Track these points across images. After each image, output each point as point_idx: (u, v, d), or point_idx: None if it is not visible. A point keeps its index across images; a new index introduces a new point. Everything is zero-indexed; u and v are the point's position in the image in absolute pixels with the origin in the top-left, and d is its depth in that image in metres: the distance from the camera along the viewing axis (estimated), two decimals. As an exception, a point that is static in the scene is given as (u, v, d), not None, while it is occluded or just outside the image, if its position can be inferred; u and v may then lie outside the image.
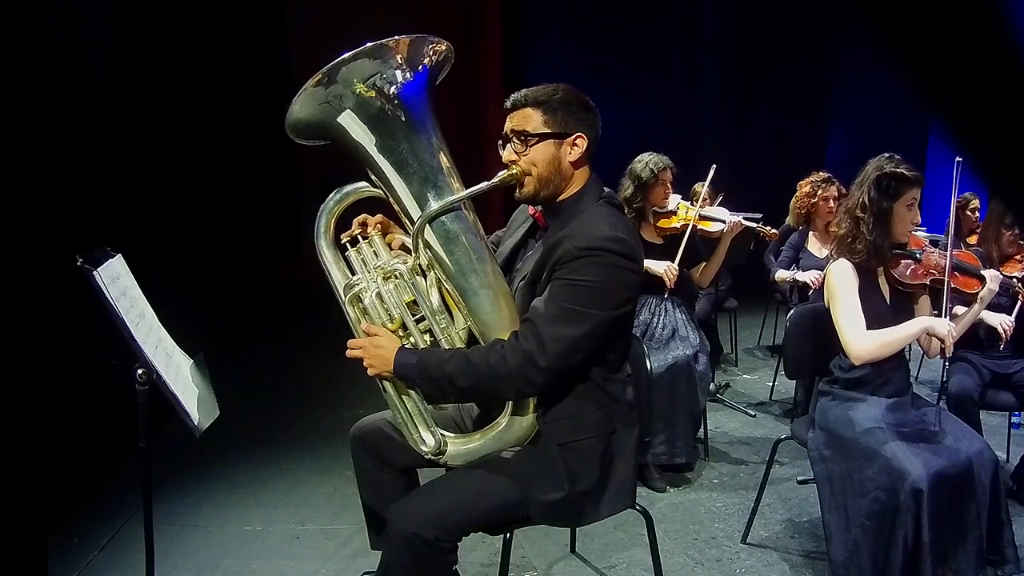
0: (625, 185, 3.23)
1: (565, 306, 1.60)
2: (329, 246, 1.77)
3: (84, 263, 1.61)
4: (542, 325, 1.60)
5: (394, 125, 1.67)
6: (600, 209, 1.70)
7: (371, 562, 2.19)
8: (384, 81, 1.64)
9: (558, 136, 1.69)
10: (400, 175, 1.68)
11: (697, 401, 3.16)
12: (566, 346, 1.59)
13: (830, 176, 3.85)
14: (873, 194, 2.21)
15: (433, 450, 1.74)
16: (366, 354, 1.68)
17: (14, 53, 2.11)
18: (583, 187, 1.74)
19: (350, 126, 1.67)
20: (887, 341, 2.20)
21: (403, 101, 1.66)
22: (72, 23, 3.02)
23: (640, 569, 2.49)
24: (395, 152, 1.67)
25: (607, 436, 1.74)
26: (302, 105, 1.63)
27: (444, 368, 1.63)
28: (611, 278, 1.61)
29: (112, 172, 3.33)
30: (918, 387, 2.36)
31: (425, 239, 1.67)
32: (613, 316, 1.63)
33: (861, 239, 2.22)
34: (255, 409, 3.98)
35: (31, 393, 2.05)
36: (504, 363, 1.60)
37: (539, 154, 1.69)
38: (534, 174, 1.70)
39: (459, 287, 1.68)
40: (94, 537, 2.67)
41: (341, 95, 1.63)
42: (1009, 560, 2.15)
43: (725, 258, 3.41)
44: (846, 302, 2.23)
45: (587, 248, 1.60)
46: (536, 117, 1.69)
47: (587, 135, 1.71)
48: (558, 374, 1.63)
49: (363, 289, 1.72)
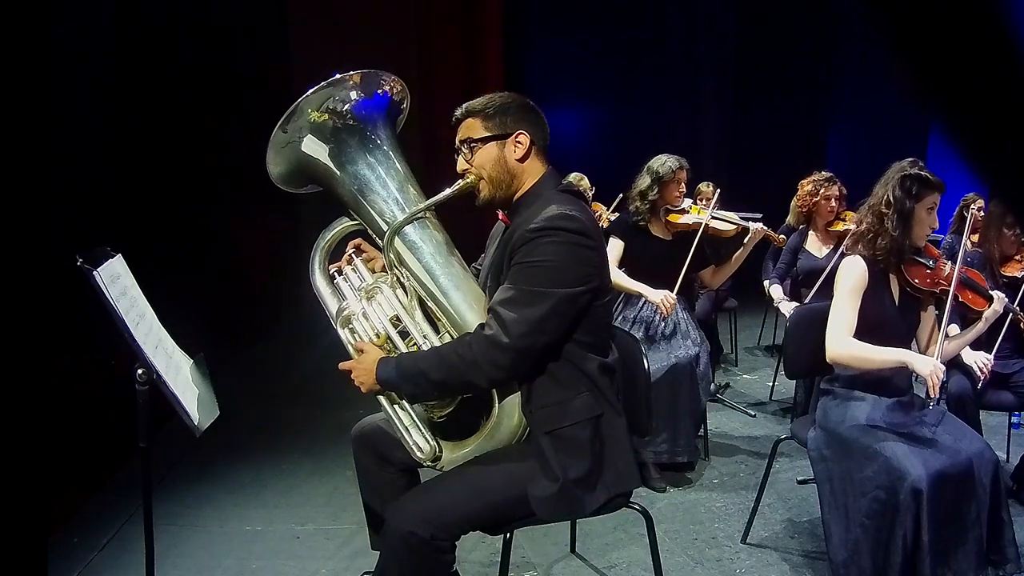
0: (642, 179, 3.25)
1: (523, 288, 1.63)
2: (323, 281, 1.92)
3: (84, 263, 1.61)
4: (502, 309, 1.63)
5: (348, 139, 1.79)
6: (552, 195, 1.75)
7: (371, 562, 2.19)
8: (336, 102, 1.78)
9: (499, 137, 1.77)
10: (363, 196, 1.80)
11: (699, 400, 3.16)
12: (528, 327, 1.61)
13: (832, 176, 3.84)
14: (898, 193, 2.22)
15: (429, 456, 1.78)
16: (355, 372, 1.76)
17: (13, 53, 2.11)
18: (537, 181, 1.80)
19: (314, 151, 1.80)
20: (863, 357, 2.18)
21: (356, 117, 1.79)
22: (72, 23, 3.02)
23: (640, 569, 2.49)
24: (358, 177, 1.79)
25: (594, 420, 1.74)
26: (273, 155, 1.78)
27: (418, 365, 1.68)
28: (566, 255, 1.64)
29: (112, 172, 3.33)
30: (918, 387, 2.36)
31: (396, 250, 1.76)
32: (574, 293, 1.65)
33: (885, 235, 2.23)
34: (255, 409, 3.98)
35: (31, 393, 2.05)
36: (470, 350, 1.63)
37: (485, 157, 1.77)
38: (485, 177, 1.78)
39: (431, 292, 1.76)
40: (94, 537, 2.67)
41: (300, 127, 1.76)
42: (1010, 560, 2.15)
43: (726, 259, 3.42)
44: (844, 300, 2.24)
45: (538, 229, 1.64)
46: (477, 124, 1.79)
47: (529, 132, 1.78)
48: (525, 356, 1.65)
49: (352, 312, 1.84)
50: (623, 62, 7.67)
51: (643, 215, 3.24)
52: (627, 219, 3.29)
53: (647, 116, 7.45)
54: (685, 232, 3.29)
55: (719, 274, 3.43)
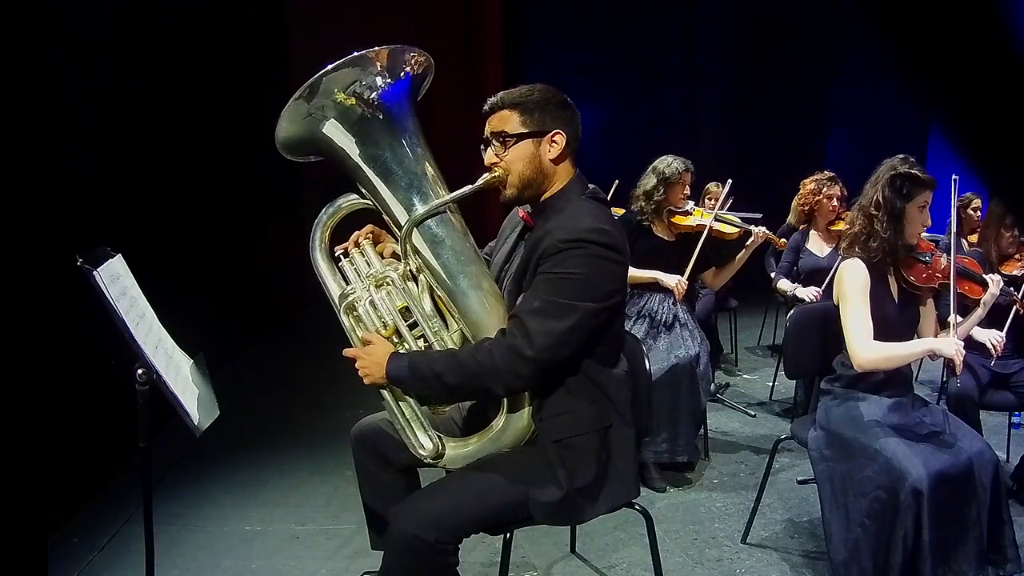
0: (647, 179, 3.25)
1: (551, 299, 1.60)
2: (324, 258, 1.80)
3: (84, 263, 1.61)
4: (528, 319, 1.60)
5: (376, 131, 1.71)
6: (584, 203, 1.71)
7: (371, 562, 2.19)
8: (364, 87, 1.68)
9: (536, 135, 1.71)
10: (386, 183, 1.72)
11: (699, 400, 3.17)
12: (553, 339, 1.59)
13: (834, 175, 3.85)
14: (888, 193, 2.21)
15: (431, 454, 1.75)
16: (361, 363, 1.71)
17: (13, 53, 2.11)
18: (567, 184, 1.75)
19: (335, 135, 1.71)
20: (891, 356, 2.19)
21: (384, 106, 1.70)
22: (72, 24, 3.02)
23: (640, 569, 2.49)
24: (379, 160, 1.71)
25: (603, 431, 1.74)
26: (288, 121, 1.68)
27: (433, 367, 1.64)
28: (596, 270, 1.62)
29: (112, 172, 3.33)
30: (918, 387, 2.36)
31: (413, 244, 1.69)
32: (600, 308, 1.64)
33: (876, 237, 2.22)
34: (255, 409, 3.98)
35: (31, 393, 2.05)
36: (491, 358, 1.60)
37: (519, 154, 1.71)
38: (516, 174, 1.72)
39: (448, 289, 1.70)
40: (94, 537, 2.67)
41: (323, 106, 1.67)
42: (1010, 560, 2.15)
43: (727, 259, 3.43)
44: (856, 306, 2.22)
45: (570, 240, 1.61)
46: (514, 118, 1.71)
47: (565, 132, 1.72)
48: (546, 368, 1.63)
49: (357, 298, 1.75)
50: (623, 62, 7.67)
51: (647, 215, 3.25)
52: (631, 218, 3.30)
53: (647, 116, 7.46)
54: (688, 234, 3.30)
55: (721, 275, 3.45)
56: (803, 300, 3.60)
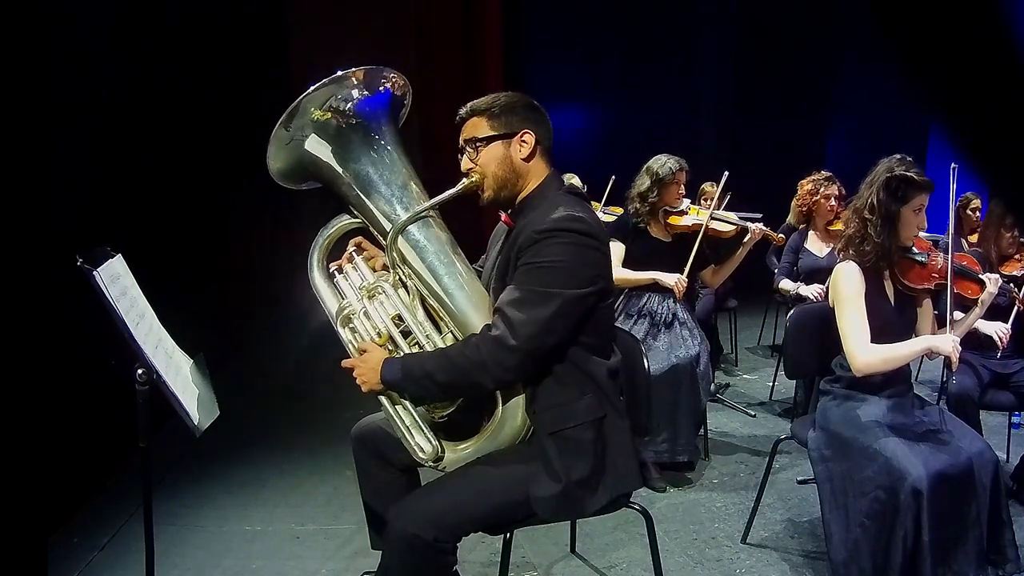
0: (641, 180, 3.25)
1: (531, 288, 1.63)
2: (321, 278, 1.89)
3: (84, 263, 1.61)
4: (510, 310, 1.63)
5: (354, 141, 1.77)
6: (560, 197, 1.75)
7: (371, 562, 2.19)
8: (339, 101, 1.76)
9: (505, 136, 1.77)
10: (367, 196, 1.79)
11: (699, 400, 3.16)
12: (537, 328, 1.61)
13: (832, 175, 3.86)
14: (882, 196, 2.20)
15: (431, 456, 1.77)
16: (358, 371, 1.75)
17: (13, 53, 2.11)
18: (542, 182, 1.80)
19: (317, 149, 1.78)
20: (890, 357, 2.18)
21: (359, 116, 1.77)
22: (71, 23, 3.02)
23: (640, 569, 2.49)
24: (361, 176, 1.79)
25: (597, 422, 1.74)
26: (275, 148, 1.76)
27: (424, 367, 1.67)
28: (573, 256, 1.64)
29: (112, 172, 3.33)
30: (918, 387, 2.36)
31: (399, 250, 1.75)
32: (581, 294, 1.66)
33: (869, 240, 2.21)
34: (255, 410, 3.98)
35: (31, 393, 2.05)
36: (477, 352, 1.63)
37: (491, 156, 1.77)
38: (490, 176, 1.78)
39: (436, 292, 1.75)
40: (94, 537, 2.67)
41: (303, 125, 1.75)
42: (1010, 560, 2.15)
43: (726, 258, 3.43)
44: (852, 310, 2.21)
45: (546, 231, 1.64)
46: (482, 124, 1.78)
47: (535, 131, 1.78)
48: (533, 357, 1.65)
49: (352, 311, 1.81)
50: (623, 62, 7.67)
51: (642, 217, 3.24)
52: (627, 220, 3.29)
53: (647, 116, 7.45)
54: (685, 234, 3.29)
55: (719, 273, 3.44)
56: (807, 298, 3.61)
